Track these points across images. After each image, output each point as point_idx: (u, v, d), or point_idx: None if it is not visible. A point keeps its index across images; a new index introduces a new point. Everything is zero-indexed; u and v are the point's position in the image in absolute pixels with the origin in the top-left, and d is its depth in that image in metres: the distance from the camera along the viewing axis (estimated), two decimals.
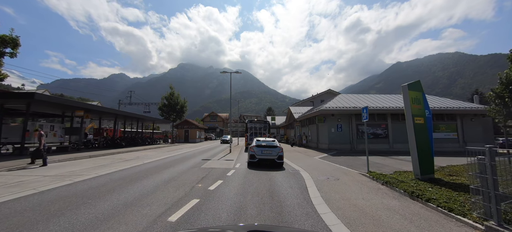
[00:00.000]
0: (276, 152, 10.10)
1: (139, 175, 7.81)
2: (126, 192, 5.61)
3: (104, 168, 9.39)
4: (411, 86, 7.02)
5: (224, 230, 1.47)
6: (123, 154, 15.05)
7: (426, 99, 7.28)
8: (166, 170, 8.97)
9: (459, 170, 8.47)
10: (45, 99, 11.92)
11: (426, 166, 6.70)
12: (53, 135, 15.36)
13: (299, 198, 5.33)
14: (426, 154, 6.76)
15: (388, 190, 5.94)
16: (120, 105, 45.64)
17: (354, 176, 7.92)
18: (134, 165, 10.21)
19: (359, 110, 19.35)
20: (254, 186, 6.51)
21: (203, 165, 10.52)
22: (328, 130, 19.77)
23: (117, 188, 5.99)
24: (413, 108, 6.86)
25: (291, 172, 8.96)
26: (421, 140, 6.74)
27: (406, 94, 6.92)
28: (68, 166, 9.67)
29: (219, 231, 1.53)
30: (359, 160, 12.61)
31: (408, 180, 6.40)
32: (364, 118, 8.44)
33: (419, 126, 6.84)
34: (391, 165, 10.59)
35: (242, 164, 11.24)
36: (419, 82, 7.25)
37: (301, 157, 14.41)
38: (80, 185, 6.34)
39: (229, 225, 3.51)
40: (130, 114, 24.43)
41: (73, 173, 8.00)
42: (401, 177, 6.92)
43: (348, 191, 5.91)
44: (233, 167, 10.13)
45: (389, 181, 6.28)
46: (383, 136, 19.80)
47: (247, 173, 8.60)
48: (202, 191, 5.80)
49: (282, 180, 7.32)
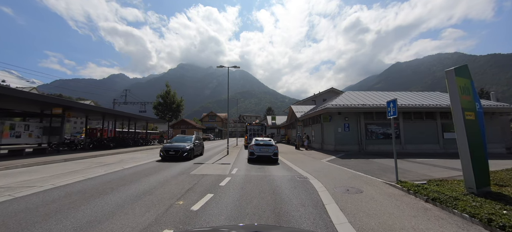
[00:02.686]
0: (272, 149, 11.79)
1: (108, 186, 6.14)
2: (71, 216, 3.95)
3: (70, 175, 7.71)
4: (458, 71, 5.37)
5: (224, 230, 1.45)
6: (105, 157, 13.37)
7: (475, 89, 5.64)
8: (146, 179, 7.31)
9: (505, 177, 6.84)
10: (5, 92, 10.20)
11: (481, 176, 5.06)
12: (28, 136, 13.66)
13: (318, 226, 3.69)
14: (480, 161, 5.13)
15: (441, 211, 4.29)
16: (114, 104, 43.97)
17: (380, 187, 6.26)
18: (109, 172, 8.53)
19: (369, 107, 17.73)
20: (254, 203, 4.86)
21: (193, 171, 8.85)
22: (334, 130, 18.13)
23: (63, 209, 4.32)
24: (462, 100, 5.22)
25: (299, 180, 7.33)
26: (474, 142, 5.11)
27: (452, 81, 5.27)
28: (26, 174, 7.98)
29: (219, 231, 1.51)
30: (373, 163, 10.97)
31: (461, 195, 4.76)
32: (391, 114, 6.80)
33: (471, 124, 5.20)
34: (414, 170, 8.95)
35: (240, 168, 9.60)
36: (467, 66, 5.62)
37: (307, 160, 12.78)
38: (13, 204, 4.67)
39: (229, 225, 3.27)
40: (120, 113, 22.72)
41: (21, 184, 6.31)
42: (445, 189, 5.28)
43: (383, 213, 4.27)
44: (229, 173, 8.48)
45: (436, 197, 4.63)
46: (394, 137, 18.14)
47: (244, 182, 6.95)
48: (181, 214, 4.15)
49: (290, 193, 5.68)
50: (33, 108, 14.70)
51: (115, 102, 44.18)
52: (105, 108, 25.22)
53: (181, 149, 12.11)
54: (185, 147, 12.29)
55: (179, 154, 12.00)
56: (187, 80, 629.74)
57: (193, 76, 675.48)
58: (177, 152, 12.02)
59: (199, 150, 14.75)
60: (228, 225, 3.52)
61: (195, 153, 13.69)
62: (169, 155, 12.00)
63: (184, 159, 12.07)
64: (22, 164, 9.60)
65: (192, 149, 12.77)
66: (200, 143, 15.30)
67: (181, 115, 39.25)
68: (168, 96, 35.27)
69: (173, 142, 13.23)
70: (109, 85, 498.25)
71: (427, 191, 5.05)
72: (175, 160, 11.86)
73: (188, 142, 13.23)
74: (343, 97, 20.97)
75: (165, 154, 12.08)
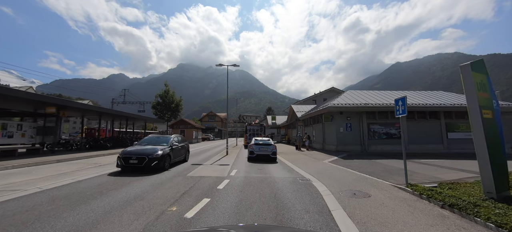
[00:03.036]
0: (271, 149, 12.37)
1: (97, 190, 5.73)
2: (50, 226, 3.53)
3: (60, 177, 7.30)
4: (475, 65, 4.98)
5: (224, 230, 1.47)
6: (101, 158, 12.97)
7: (492, 85, 5.24)
8: (137, 182, 6.90)
9: None
10: None
11: (501, 180, 4.66)
12: (20, 136, 13.24)
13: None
14: (499, 163, 4.73)
15: (461, 219, 3.88)
16: (113, 104, 43.53)
17: (389, 191, 5.86)
18: (102, 173, 8.11)
19: (371, 107, 17.34)
20: (254, 209, 4.46)
21: (190, 173, 8.45)
22: (336, 130, 17.73)
23: (42, 217, 3.91)
24: (479, 97, 4.82)
25: (301, 183, 6.93)
26: (493, 143, 4.71)
27: (468, 77, 4.87)
28: (14, 176, 7.57)
29: (219, 231, 1.54)
30: (377, 164, 10.57)
31: (480, 200, 4.36)
32: (400, 112, 6.39)
33: (489, 123, 4.80)
34: (421, 172, 8.55)
35: (240, 170, 9.20)
36: (483, 61, 5.22)
37: (308, 161, 12.38)
38: None
39: (229, 225, 3.19)
40: (117, 112, 22.31)
41: (4, 188, 5.89)
42: (460, 193, 4.88)
43: (397, 221, 3.86)
44: (228, 175, 8.08)
45: (454, 203, 4.23)
46: (397, 137, 17.77)
47: (244, 185, 6.55)
48: (173, 222, 3.75)
49: (292, 197, 5.28)
50: (27, 107, 14.28)
51: (113, 102, 43.75)
52: (102, 107, 24.83)
53: (148, 156, 8.18)
54: (154, 153, 8.38)
55: (145, 163, 8.08)
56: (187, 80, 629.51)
57: (193, 76, 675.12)
58: (141, 160, 8.08)
59: (181, 155, 11.00)
60: (227, 225, 3.45)
61: (174, 159, 9.97)
62: (129, 165, 8.13)
63: (154, 171, 8.30)
64: (13, 165, 9.19)
65: (166, 156, 8.88)
66: (183, 146, 11.35)
67: (180, 115, 38.84)
68: (167, 95, 34.87)
69: (141, 144, 9.74)
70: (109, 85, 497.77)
71: (442, 196, 4.65)
72: (140, 173, 7.98)
73: (163, 144, 9.57)
74: (345, 96, 20.58)
75: (123, 164, 8.16)
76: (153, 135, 11.33)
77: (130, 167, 8.20)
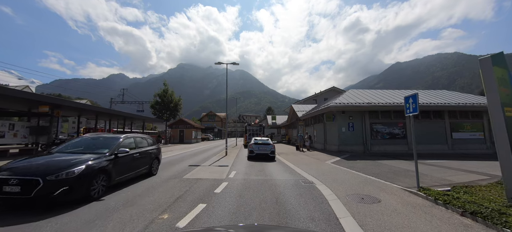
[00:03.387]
0: (269, 148, 12.91)
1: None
2: None
3: None
4: (495, 59, 4.55)
5: (223, 230, 1.47)
6: None
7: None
8: (131, 184, 6.48)
9: None
10: None
11: None
12: (12, 136, 12.81)
13: None
14: None
15: (486, 230, 3.45)
16: (112, 103, 43.10)
17: (400, 196, 5.44)
18: None
19: (374, 106, 16.91)
20: (254, 217, 4.04)
21: (186, 175, 8.03)
22: (338, 130, 17.30)
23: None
24: (501, 93, 4.40)
25: (305, 186, 6.50)
26: None
27: (489, 71, 4.46)
28: None
29: (219, 231, 1.54)
30: (382, 166, 10.15)
31: (503, 207, 3.94)
32: (410, 111, 5.97)
33: (511, 122, 4.38)
34: (429, 174, 8.13)
35: (239, 171, 8.78)
36: (503, 54, 4.80)
37: (310, 162, 11.95)
38: None
39: (229, 225, 3.07)
40: (115, 112, 21.88)
41: None
42: (478, 198, 4.46)
43: (414, 231, 3.44)
44: (226, 177, 7.65)
45: (476, 210, 3.80)
46: (400, 137, 17.35)
47: (243, 188, 6.13)
48: (165, 231, 3.33)
49: (296, 203, 4.86)
50: (20, 107, 13.86)
51: (112, 101, 43.32)
52: (99, 107, 24.40)
53: (48, 176, 4.15)
54: (66, 169, 4.41)
55: (39, 190, 4.01)
56: (186, 80, 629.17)
57: (193, 76, 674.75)
58: (27, 187, 4.01)
59: (139, 167, 6.84)
60: (227, 225, 3.39)
61: (122, 175, 5.96)
62: (3, 194, 3.97)
63: (63, 204, 4.37)
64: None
65: (96, 173, 4.86)
66: (146, 153, 7.30)
67: (179, 115, 38.43)
68: (165, 94, 34.45)
69: (61, 151, 5.57)
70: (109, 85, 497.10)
71: (461, 202, 4.23)
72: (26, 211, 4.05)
73: (100, 150, 5.61)
74: (347, 95, 20.16)
75: None
76: (88, 135, 6.71)
77: (5, 200, 4.15)
